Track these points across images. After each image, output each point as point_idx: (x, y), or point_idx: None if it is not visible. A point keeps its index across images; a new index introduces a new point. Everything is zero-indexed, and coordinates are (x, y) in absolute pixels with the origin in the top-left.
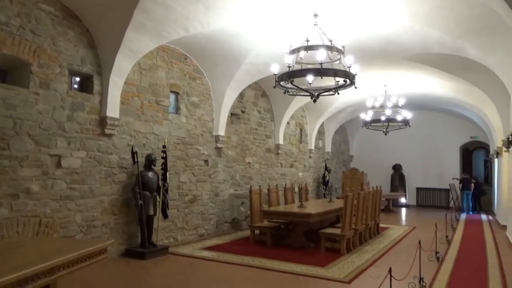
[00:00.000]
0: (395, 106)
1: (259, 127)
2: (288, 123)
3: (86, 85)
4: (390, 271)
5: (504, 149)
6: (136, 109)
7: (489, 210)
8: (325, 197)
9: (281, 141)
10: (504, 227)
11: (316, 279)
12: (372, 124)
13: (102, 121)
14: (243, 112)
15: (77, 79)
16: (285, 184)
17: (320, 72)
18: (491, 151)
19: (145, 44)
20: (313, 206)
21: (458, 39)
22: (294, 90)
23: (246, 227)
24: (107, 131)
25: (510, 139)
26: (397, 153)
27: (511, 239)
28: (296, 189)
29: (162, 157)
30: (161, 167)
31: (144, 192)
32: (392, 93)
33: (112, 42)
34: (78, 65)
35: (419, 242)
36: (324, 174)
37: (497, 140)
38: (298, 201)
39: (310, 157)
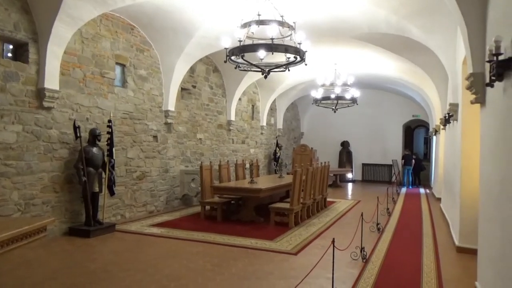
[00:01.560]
0: (344, 85)
1: (210, 103)
2: (240, 99)
3: (20, 54)
4: (333, 241)
5: (441, 127)
6: (78, 81)
7: (427, 184)
8: (276, 173)
9: (232, 117)
10: (439, 199)
11: (264, 252)
12: (322, 102)
13: (40, 93)
14: (194, 87)
15: (10, 46)
16: (236, 160)
17: (271, 47)
18: (430, 129)
19: (87, 11)
20: (264, 182)
21: (402, 19)
22: (245, 65)
23: (197, 203)
24: (45, 104)
25: (447, 118)
26: (345, 130)
27: (445, 210)
28: (247, 165)
29: (108, 132)
30: (106, 143)
31: (88, 168)
32: (342, 72)
33: (49, 7)
34: (10, 31)
35: (361, 215)
36: (275, 150)
37: (436, 119)
38: (249, 177)
39: (261, 133)
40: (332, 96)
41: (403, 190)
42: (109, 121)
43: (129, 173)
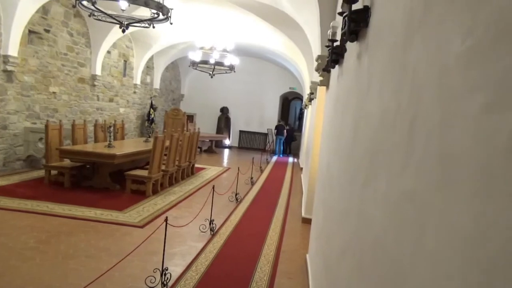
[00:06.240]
0: (224, 50)
1: (70, 52)
2: (109, 52)
3: None
4: (166, 220)
5: (308, 102)
6: None
7: (297, 154)
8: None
9: (98, 72)
10: (302, 169)
11: (108, 225)
12: (200, 65)
13: None
14: (47, 31)
15: None
16: (96, 121)
17: None
18: (303, 103)
19: None
20: (123, 146)
21: None
22: (100, 14)
23: None
24: None
25: (310, 96)
26: (226, 96)
27: (303, 179)
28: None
29: None
30: None
31: None
32: (222, 37)
33: None
34: None
35: (213, 187)
36: (149, 111)
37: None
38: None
39: (134, 92)
40: (211, 61)
41: (274, 158)
42: None
43: None
